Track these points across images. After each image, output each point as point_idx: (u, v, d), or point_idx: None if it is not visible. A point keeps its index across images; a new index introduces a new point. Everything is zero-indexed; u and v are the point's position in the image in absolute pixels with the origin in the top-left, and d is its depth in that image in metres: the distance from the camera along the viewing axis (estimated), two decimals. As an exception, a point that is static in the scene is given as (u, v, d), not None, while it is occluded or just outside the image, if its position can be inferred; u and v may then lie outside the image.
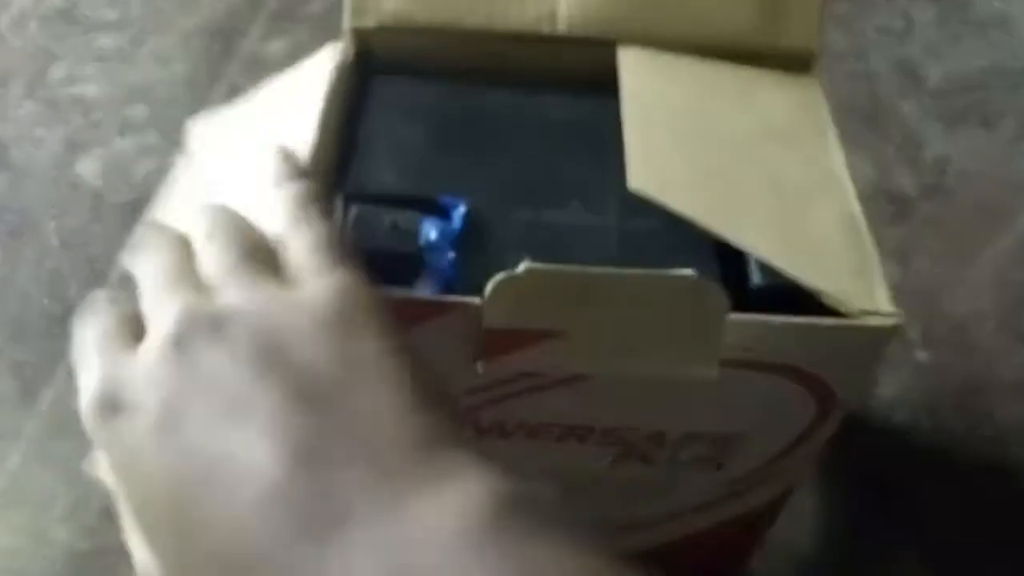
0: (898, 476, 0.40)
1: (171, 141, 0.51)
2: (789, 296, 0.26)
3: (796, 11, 0.30)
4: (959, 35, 0.62)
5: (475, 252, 0.24)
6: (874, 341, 0.24)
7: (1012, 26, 0.63)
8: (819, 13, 0.30)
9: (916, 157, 0.54)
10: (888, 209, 0.51)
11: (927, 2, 0.63)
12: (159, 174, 0.50)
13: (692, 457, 0.28)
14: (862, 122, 0.55)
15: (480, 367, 0.23)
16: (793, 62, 0.30)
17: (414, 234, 0.26)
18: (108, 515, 0.37)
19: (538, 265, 0.21)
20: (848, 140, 0.53)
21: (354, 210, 0.27)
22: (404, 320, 0.23)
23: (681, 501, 0.30)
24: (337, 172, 0.28)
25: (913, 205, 0.51)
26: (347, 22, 0.30)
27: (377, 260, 0.26)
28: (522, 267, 0.21)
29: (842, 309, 0.23)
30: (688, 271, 0.21)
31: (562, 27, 0.30)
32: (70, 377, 0.40)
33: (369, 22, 0.30)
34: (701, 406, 0.26)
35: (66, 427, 0.39)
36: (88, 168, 0.49)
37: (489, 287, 0.21)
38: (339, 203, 0.27)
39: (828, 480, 0.39)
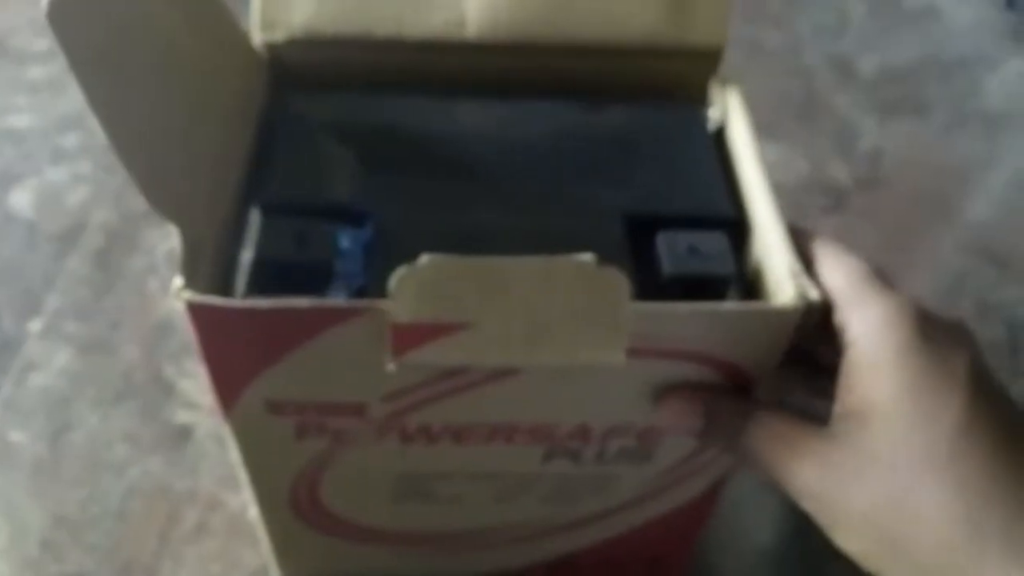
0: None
1: (104, 168, 0.50)
2: (700, 285, 0.26)
3: (703, 7, 0.31)
4: (891, 28, 0.64)
5: (389, 258, 0.24)
6: (779, 323, 0.24)
7: (941, 17, 0.64)
8: (726, 7, 0.31)
9: (850, 149, 0.55)
10: (823, 201, 0.51)
11: (860, -4, 0.65)
12: (93, 202, 0.50)
13: (619, 450, 0.28)
14: (796, 117, 0.56)
15: (390, 363, 0.23)
16: (702, 58, 0.31)
17: (326, 243, 0.26)
18: (47, 546, 0.36)
19: (438, 257, 0.21)
20: (783, 135, 0.54)
21: (267, 221, 0.27)
22: (316, 326, 0.23)
23: (617, 497, 0.31)
24: (251, 184, 0.28)
25: (848, 196, 0.52)
26: (256, 36, 0.30)
27: (289, 270, 0.26)
28: (423, 259, 0.21)
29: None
30: (588, 256, 0.21)
31: (472, 33, 0.30)
32: (6, 410, 0.39)
33: (279, 36, 0.30)
34: (619, 398, 0.26)
35: (3, 462, 0.39)
36: (21, 199, 0.49)
37: (392, 282, 0.21)
38: (254, 215, 0.28)
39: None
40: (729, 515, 0.37)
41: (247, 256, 0.26)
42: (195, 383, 0.41)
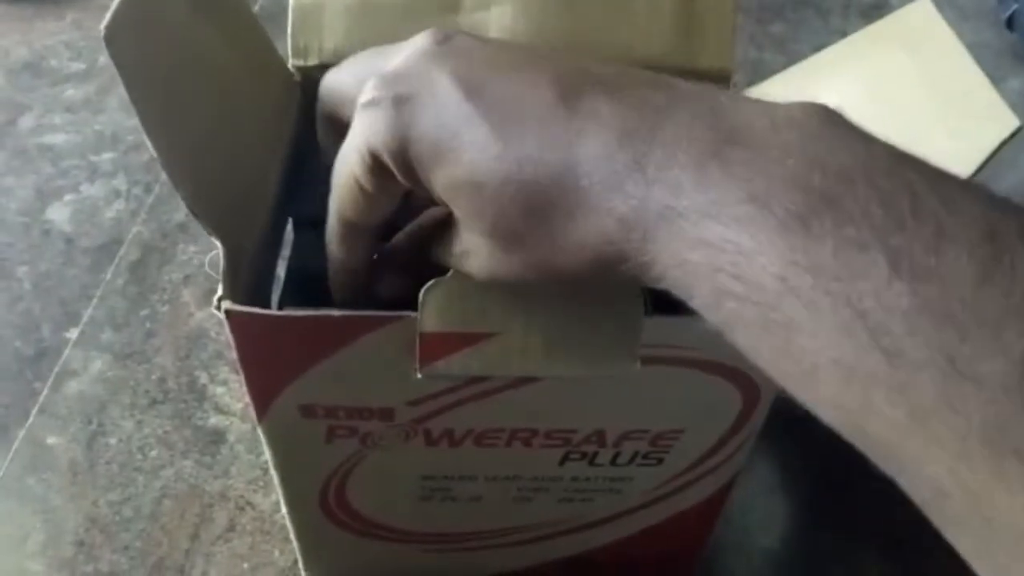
0: (855, 470, 0.41)
1: (140, 185, 0.53)
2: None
3: (711, 32, 0.32)
4: (894, 48, 0.65)
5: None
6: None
7: (945, 37, 0.66)
8: (732, 33, 0.32)
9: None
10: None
11: (860, 19, 0.66)
12: (129, 218, 0.52)
13: (634, 454, 0.29)
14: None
15: (417, 371, 0.24)
16: (711, 81, 0.32)
17: (357, 255, 0.28)
18: (82, 546, 0.38)
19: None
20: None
21: (300, 234, 0.29)
22: (348, 335, 0.25)
23: (631, 498, 0.32)
24: (286, 200, 0.30)
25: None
26: (290, 62, 0.32)
27: (321, 279, 0.28)
28: (451, 273, 0.23)
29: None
30: None
31: (493, 57, 0.32)
32: (43, 415, 0.41)
33: (311, 61, 0.32)
34: (634, 404, 0.27)
35: (40, 464, 0.40)
36: (59, 214, 0.51)
37: (422, 293, 0.23)
38: (289, 229, 0.29)
39: (793, 480, 0.41)
40: (737, 516, 0.38)
41: (283, 268, 0.28)
42: (227, 389, 0.42)
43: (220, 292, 0.24)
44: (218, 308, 0.24)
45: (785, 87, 0.31)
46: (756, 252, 0.16)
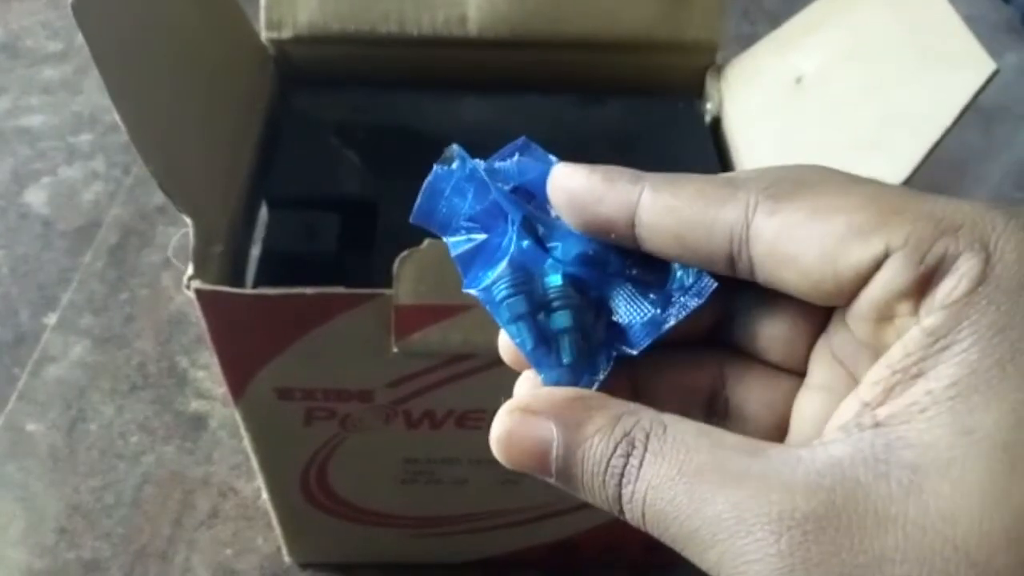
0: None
1: (118, 167, 0.52)
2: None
3: (698, 2, 0.31)
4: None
5: (393, 249, 0.25)
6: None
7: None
8: (720, 4, 0.32)
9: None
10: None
11: (854, -8, 0.65)
12: (107, 200, 0.51)
13: (619, 434, 0.29)
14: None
15: (393, 344, 0.23)
16: (697, 52, 0.32)
17: (332, 235, 0.27)
18: (63, 533, 0.37)
19: (439, 241, 0.22)
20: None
21: (275, 214, 0.28)
22: (322, 313, 0.24)
23: (617, 480, 0.31)
24: (259, 179, 0.29)
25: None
26: (263, 35, 0.31)
27: (297, 260, 0.27)
28: (425, 243, 0.22)
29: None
30: None
31: (472, 30, 0.31)
32: (22, 402, 0.41)
33: (285, 34, 0.31)
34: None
35: (19, 451, 0.40)
36: (36, 197, 0.50)
37: (396, 264, 0.22)
38: (262, 209, 0.29)
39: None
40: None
41: (256, 248, 0.27)
42: (208, 374, 0.42)
43: (190, 271, 0.24)
44: (188, 287, 0.24)
45: (776, 53, 0.30)
46: None
